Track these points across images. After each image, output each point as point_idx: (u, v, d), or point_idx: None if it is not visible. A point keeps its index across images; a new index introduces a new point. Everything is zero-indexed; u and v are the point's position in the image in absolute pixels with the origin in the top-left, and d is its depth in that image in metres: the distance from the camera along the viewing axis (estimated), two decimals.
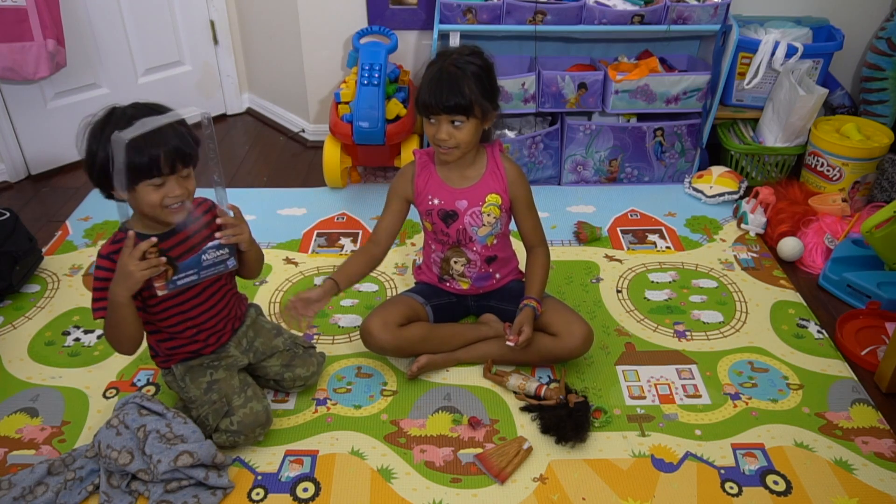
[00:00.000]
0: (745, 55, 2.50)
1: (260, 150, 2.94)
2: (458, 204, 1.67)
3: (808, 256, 2.17)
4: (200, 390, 1.52)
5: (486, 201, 1.67)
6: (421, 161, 1.70)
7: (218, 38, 3.04)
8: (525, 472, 1.48)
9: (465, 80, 1.51)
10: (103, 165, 1.28)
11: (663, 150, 2.58)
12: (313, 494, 1.44)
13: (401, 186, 1.71)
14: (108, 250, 1.39)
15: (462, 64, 1.53)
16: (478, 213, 1.68)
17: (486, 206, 1.67)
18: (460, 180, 1.68)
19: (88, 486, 1.42)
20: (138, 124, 1.26)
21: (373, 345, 1.70)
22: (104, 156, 1.27)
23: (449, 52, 1.58)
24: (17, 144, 2.64)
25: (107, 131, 1.27)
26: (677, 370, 1.76)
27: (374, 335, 1.67)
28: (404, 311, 1.72)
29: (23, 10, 2.31)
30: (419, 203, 1.71)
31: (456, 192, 1.67)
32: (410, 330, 1.70)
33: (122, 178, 1.26)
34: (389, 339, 1.67)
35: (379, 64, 2.44)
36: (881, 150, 2.37)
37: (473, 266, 1.76)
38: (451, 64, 1.53)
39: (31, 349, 1.83)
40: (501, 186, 1.67)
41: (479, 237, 1.71)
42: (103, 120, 1.31)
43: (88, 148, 1.32)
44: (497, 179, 1.67)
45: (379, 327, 1.67)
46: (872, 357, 1.79)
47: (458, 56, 1.55)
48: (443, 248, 1.75)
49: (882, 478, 1.48)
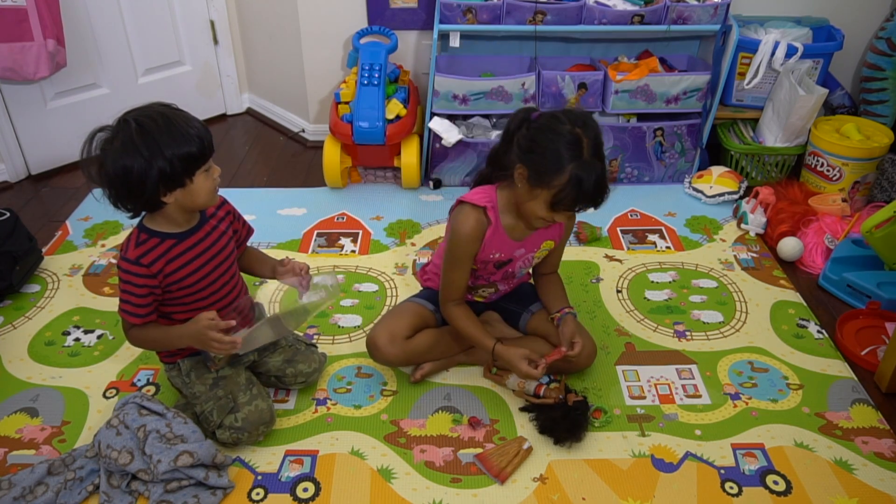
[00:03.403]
0: (745, 55, 2.50)
1: (260, 150, 2.94)
2: (516, 252, 1.64)
3: (808, 256, 2.17)
4: (206, 386, 1.52)
5: (540, 248, 1.66)
6: (493, 220, 1.57)
7: (218, 38, 3.04)
8: (525, 472, 1.48)
9: (604, 171, 1.42)
10: (152, 172, 1.28)
11: (663, 150, 2.58)
12: (313, 494, 1.44)
13: (472, 247, 1.57)
14: (136, 254, 1.39)
15: (597, 150, 1.41)
16: (530, 258, 1.67)
17: (539, 252, 1.67)
18: (523, 232, 1.61)
19: (88, 486, 1.42)
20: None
21: (380, 359, 1.68)
22: (157, 167, 1.28)
23: (571, 133, 1.39)
24: (17, 144, 2.64)
25: (150, 140, 1.27)
26: (677, 370, 1.76)
27: (382, 350, 1.65)
28: (412, 321, 1.70)
29: (23, 10, 2.31)
30: (479, 256, 1.61)
31: (516, 244, 1.62)
32: (418, 341, 1.68)
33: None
34: (398, 353, 1.65)
35: (379, 64, 2.45)
36: (881, 150, 2.37)
37: (498, 293, 1.76)
38: (591, 157, 1.40)
39: (31, 349, 1.83)
40: (558, 233, 1.66)
41: (520, 274, 1.71)
42: (138, 131, 1.28)
43: (129, 163, 1.28)
44: (556, 226, 1.64)
45: (386, 341, 1.65)
46: (872, 357, 1.79)
47: (588, 139, 1.40)
48: (475, 280, 1.71)
49: (882, 478, 1.48)
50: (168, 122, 1.30)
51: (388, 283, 2.09)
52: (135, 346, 1.52)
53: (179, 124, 1.30)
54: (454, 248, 1.58)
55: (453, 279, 1.62)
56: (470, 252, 1.58)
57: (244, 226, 1.61)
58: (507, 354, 1.57)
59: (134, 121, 1.29)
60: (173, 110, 1.34)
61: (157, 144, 1.27)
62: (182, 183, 1.33)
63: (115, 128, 1.30)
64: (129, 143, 1.28)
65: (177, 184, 1.33)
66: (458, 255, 1.58)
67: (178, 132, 1.30)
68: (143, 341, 1.49)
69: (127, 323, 1.44)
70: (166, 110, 1.33)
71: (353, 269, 2.15)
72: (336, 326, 1.91)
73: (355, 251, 2.24)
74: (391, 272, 2.14)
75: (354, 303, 2.00)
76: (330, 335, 1.88)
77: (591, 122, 1.43)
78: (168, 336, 1.45)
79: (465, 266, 1.60)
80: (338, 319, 1.94)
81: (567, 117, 1.42)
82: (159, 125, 1.29)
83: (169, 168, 1.29)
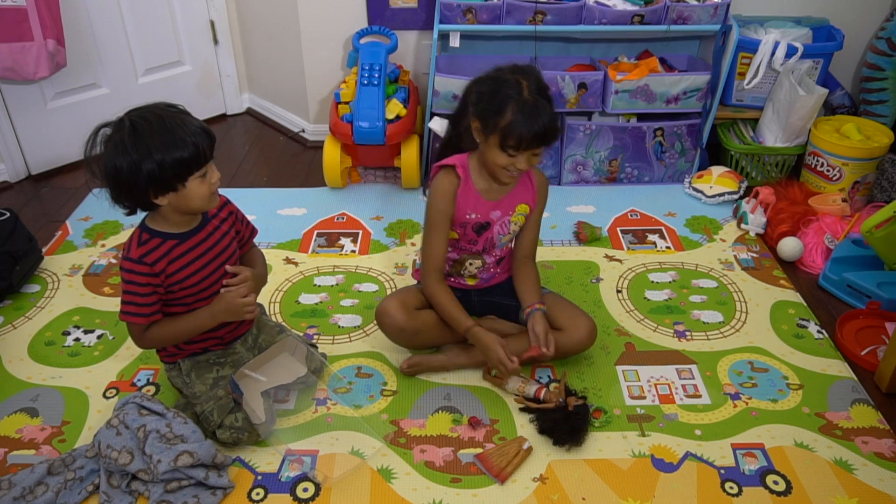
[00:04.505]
0: (745, 55, 2.50)
1: (260, 150, 2.94)
2: (492, 215, 1.66)
3: (808, 256, 2.17)
4: (206, 386, 1.52)
5: (515, 211, 1.68)
6: (463, 176, 1.63)
7: (218, 38, 3.04)
8: (525, 472, 1.48)
9: (550, 109, 1.48)
10: (140, 175, 1.28)
11: (663, 150, 2.58)
12: (313, 494, 1.44)
13: (446, 206, 1.62)
14: (139, 253, 1.39)
15: (540, 91, 1.49)
16: (507, 222, 1.68)
17: (515, 216, 1.68)
18: (496, 192, 1.66)
19: (88, 486, 1.42)
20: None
21: (389, 325, 1.69)
22: (145, 169, 1.27)
23: (512, 79, 1.50)
24: (17, 144, 2.64)
25: (140, 141, 1.27)
26: (677, 370, 1.76)
27: (392, 314, 1.67)
28: (420, 297, 1.73)
29: (23, 10, 2.31)
30: (456, 218, 1.66)
31: (491, 203, 1.65)
32: (426, 314, 1.70)
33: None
34: (406, 319, 1.66)
35: (379, 64, 2.45)
36: (881, 150, 2.37)
37: (486, 268, 1.76)
38: (533, 95, 1.48)
39: (31, 349, 1.83)
40: (531, 196, 1.68)
41: (501, 243, 1.72)
42: (131, 131, 1.28)
43: (119, 163, 1.28)
44: (528, 189, 1.68)
45: (396, 307, 1.67)
46: (872, 357, 1.79)
47: (528, 82, 1.49)
48: (460, 252, 1.74)
49: (882, 478, 1.48)
50: (162, 125, 1.28)
51: (388, 283, 2.09)
52: (149, 347, 1.52)
53: (174, 128, 1.29)
54: (429, 210, 1.64)
55: (432, 244, 1.66)
56: (444, 210, 1.63)
57: (247, 226, 1.61)
58: (483, 337, 1.58)
59: (129, 121, 1.29)
60: (173, 112, 1.32)
61: (146, 147, 1.27)
62: (174, 187, 1.33)
63: (114, 125, 1.31)
64: (121, 143, 1.28)
65: (168, 188, 1.32)
66: (432, 217, 1.64)
67: (172, 136, 1.28)
68: (161, 338, 1.48)
69: (134, 327, 1.44)
70: (165, 112, 1.31)
71: (353, 269, 2.15)
72: (336, 326, 1.91)
73: (355, 251, 2.24)
74: (391, 272, 2.14)
75: (354, 303, 2.00)
76: (330, 335, 1.88)
77: (532, 69, 1.54)
78: (195, 321, 1.46)
79: (442, 228, 1.64)
80: (338, 319, 1.94)
81: (508, 68, 1.54)
82: (152, 127, 1.28)
83: (158, 171, 1.28)
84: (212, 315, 1.47)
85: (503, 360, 1.54)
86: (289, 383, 1.60)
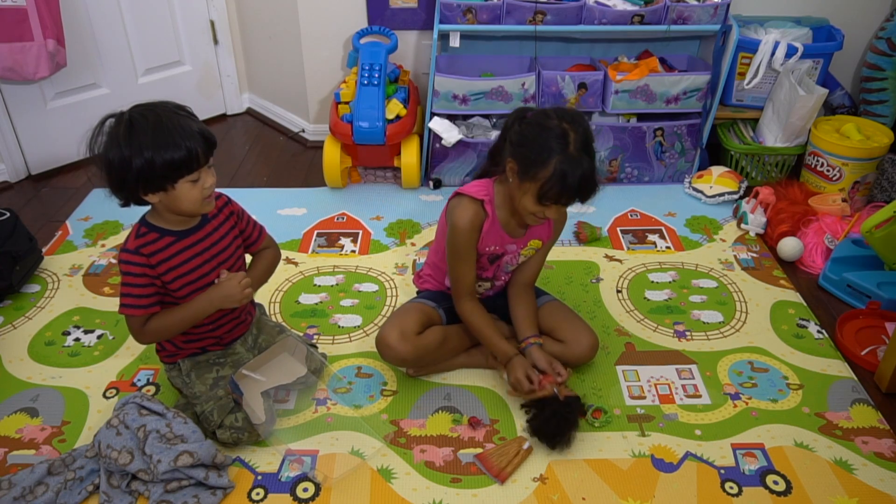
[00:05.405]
0: (745, 55, 2.50)
1: (260, 150, 2.94)
2: (509, 248, 1.66)
3: (808, 256, 2.17)
4: (206, 386, 1.52)
5: (528, 245, 1.67)
6: (490, 213, 1.60)
7: (218, 38, 3.04)
8: (525, 472, 1.48)
9: (592, 165, 1.44)
10: (130, 170, 1.28)
11: (663, 150, 2.58)
12: (313, 494, 1.44)
13: (473, 238, 1.60)
14: (136, 244, 1.40)
15: (585, 146, 1.44)
16: (518, 253, 1.68)
17: (526, 249, 1.68)
18: (516, 230, 1.64)
19: (88, 486, 1.42)
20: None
21: (391, 357, 1.64)
22: (134, 166, 1.28)
23: (559, 128, 1.43)
24: (17, 144, 2.64)
25: (134, 138, 1.27)
26: (677, 370, 1.76)
27: (394, 347, 1.62)
28: (419, 317, 1.68)
29: (23, 10, 2.31)
30: (476, 248, 1.63)
31: (510, 239, 1.65)
32: (428, 337, 1.66)
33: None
34: (409, 349, 1.62)
35: (379, 64, 2.45)
36: (881, 150, 2.37)
37: (492, 288, 1.77)
38: (578, 151, 1.42)
39: (31, 349, 1.83)
40: (547, 232, 1.68)
41: (508, 269, 1.72)
42: (127, 126, 1.29)
43: (111, 156, 1.29)
44: (545, 226, 1.67)
45: (397, 338, 1.62)
46: (872, 357, 1.79)
47: (576, 134, 1.43)
48: None
49: (882, 478, 1.48)
50: (159, 124, 1.28)
51: (388, 283, 2.09)
52: (149, 342, 1.51)
53: (171, 129, 1.28)
54: (455, 241, 1.60)
55: (460, 274, 1.63)
56: (470, 243, 1.60)
57: (254, 226, 1.60)
58: (517, 371, 1.58)
59: (129, 116, 1.30)
60: (173, 113, 1.32)
61: (139, 144, 1.27)
62: (163, 187, 1.32)
63: (116, 118, 1.32)
64: (115, 137, 1.29)
65: (157, 187, 1.32)
66: (460, 247, 1.60)
67: (165, 136, 1.28)
68: (161, 330, 1.46)
69: (133, 320, 1.44)
70: (166, 112, 1.31)
71: (353, 269, 2.15)
72: (336, 326, 1.91)
73: (355, 251, 2.24)
74: (391, 272, 2.14)
75: (354, 303, 2.00)
76: (330, 335, 1.88)
77: (580, 119, 1.46)
78: (193, 307, 1.45)
79: (469, 258, 1.62)
80: (338, 319, 1.94)
81: (556, 113, 1.46)
82: (148, 125, 1.28)
83: (147, 169, 1.28)
84: (209, 300, 1.45)
85: (520, 383, 1.56)
86: (289, 383, 1.60)
